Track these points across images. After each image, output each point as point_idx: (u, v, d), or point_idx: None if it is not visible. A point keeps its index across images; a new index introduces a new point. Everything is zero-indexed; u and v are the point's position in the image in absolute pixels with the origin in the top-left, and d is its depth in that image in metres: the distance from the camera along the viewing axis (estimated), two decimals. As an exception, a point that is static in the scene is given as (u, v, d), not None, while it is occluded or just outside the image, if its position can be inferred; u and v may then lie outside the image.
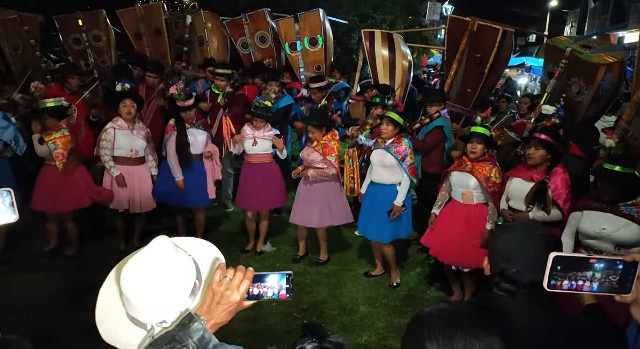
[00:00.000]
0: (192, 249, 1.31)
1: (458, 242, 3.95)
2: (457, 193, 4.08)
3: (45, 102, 4.45)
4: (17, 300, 3.97)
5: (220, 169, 5.18)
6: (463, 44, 5.71)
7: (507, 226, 1.58)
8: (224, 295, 1.15)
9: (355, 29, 12.48)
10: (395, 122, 4.31)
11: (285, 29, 6.85)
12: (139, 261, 1.18)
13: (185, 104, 4.77)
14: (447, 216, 4.15)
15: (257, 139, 4.92)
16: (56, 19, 7.16)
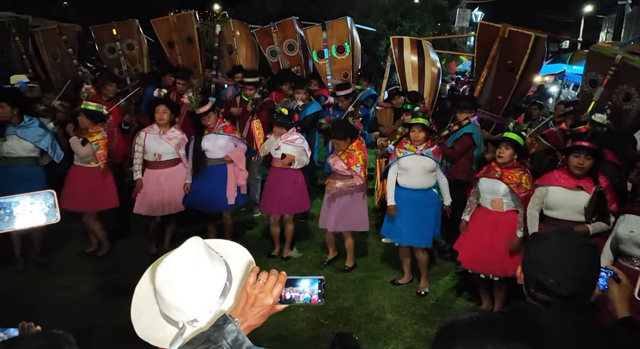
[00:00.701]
0: (225, 251, 1.34)
1: (486, 250, 3.88)
2: (485, 200, 4.02)
3: (87, 104, 4.63)
4: (54, 300, 4.10)
5: (244, 175, 5.13)
6: (493, 50, 5.63)
7: (542, 235, 1.52)
8: (258, 298, 1.16)
9: (384, 36, 12.47)
10: (426, 127, 4.30)
11: (313, 37, 6.91)
12: (173, 261, 1.21)
13: (201, 110, 4.84)
14: (475, 224, 4.10)
15: (281, 143, 4.94)
16: (92, 29, 7.43)
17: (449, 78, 11.53)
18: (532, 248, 1.44)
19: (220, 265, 1.27)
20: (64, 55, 6.97)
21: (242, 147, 5.11)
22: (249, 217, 6.31)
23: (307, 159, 4.99)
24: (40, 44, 6.86)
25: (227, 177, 5.02)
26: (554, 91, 13.16)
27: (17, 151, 4.48)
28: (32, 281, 4.49)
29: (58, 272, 4.66)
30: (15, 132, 4.47)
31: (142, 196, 4.91)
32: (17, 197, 1.03)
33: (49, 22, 9.04)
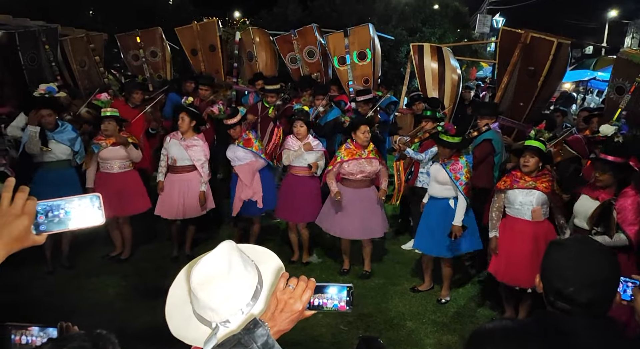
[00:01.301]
0: (255, 256, 1.37)
1: (525, 263, 3.75)
2: (521, 211, 3.89)
3: (106, 111, 4.77)
4: (80, 302, 4.19)
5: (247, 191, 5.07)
6: (515, 56, 5.59)
7: (560, 243, 1.51)
8: (288, 303, 1.19)
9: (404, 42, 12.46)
10: (447, 144, 4.26)
11: (335, 44, 6.97)
12: (208, 263, 1.25)
13: (228, 122, 4.92)
14: (507, 236, 3.95)
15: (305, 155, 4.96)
16: (117, 36, 7.64)
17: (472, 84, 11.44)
18: (551, 256, 1.43)
19: (251, 268, 1.30)
20: (91, 63, 7.17)
21: (258, 163, 5.10)
22: (269, 223, 6.35)
23: (323, 164, 5.03)
24: (69, 52, 7.07)
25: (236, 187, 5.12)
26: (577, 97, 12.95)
27: (56, 155, 4.65)
28: (60, 283, 4.61)
29: (84, 275, 4.77)
30: (53, 137, 4.64)
31: (163, 198, 5.00)
32: (65, 199, 1.08)
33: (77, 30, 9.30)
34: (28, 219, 1.04)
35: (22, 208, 1.04)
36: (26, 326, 1.40)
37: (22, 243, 1.05)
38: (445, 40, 12.97)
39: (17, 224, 1.03)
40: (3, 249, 1.03)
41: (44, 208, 1.06)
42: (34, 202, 1.05)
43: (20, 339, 1.41)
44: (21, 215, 1.03)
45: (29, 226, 1.04)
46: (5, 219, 1.03)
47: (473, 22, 21.85)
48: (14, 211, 1.03)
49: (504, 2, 26.74)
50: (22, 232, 1.03)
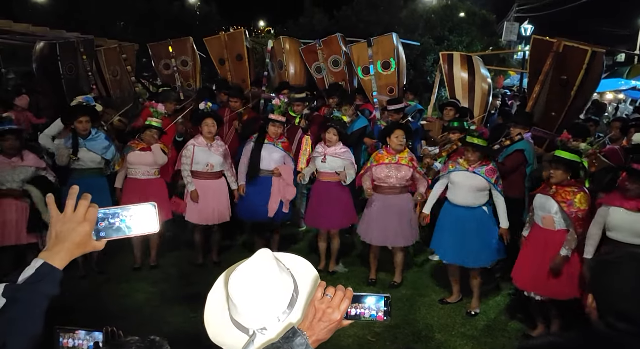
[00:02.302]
0: (290, 264, 1.38)
1: (534, 268, 3.78)
2: (538, 217, 3.91)
3: (152, 121, 4.89)
4: (112, 307, 4.27)
5: (292, 191, 5.18)
6: (547, 65, 5.49)
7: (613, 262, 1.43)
8: (325, 313, 1.19)
9: (430, 51, 12.39)
10: (481, 148, 4.22)
11: (358, 53, 6.97)
12: (246, 270, 1.26)
13: (280, 118, 4.97)
14: (528, 242, 4.01)
15: (327, 156, 4.95)
16: (149, 46, 7.81)
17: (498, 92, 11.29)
18: (607, 276, 1.37)
19: (287, 276, 1.31)
20: (123, 72, 7.37)
21: (291, 166, 5.19)
22: (295, 231, 6.36)
23: (354, 173, 4.99)
24: (102, 62, 7.29)
25: (271, 190, 5.09)
26: (608, 106, 12.63)
27: (86, 162, 4.72)
28: (92, 287, 4.70)
29: (114, 280, 4.86)
30: (85, 144, 4.72)
31: (192, 205, 5.03)
32: (124, 207, 1.14)
33: (109, 41, 9.61)
34: (89, 225, 1.10)
35: (84, 215, 1.10)
36: (73, 330, 1.45)
37: (83, 248, 1.11)
38: (473, 48, 12.85)
39: (79, 230, 1.09)
40: (66, 253, 1.09)
41: (103, 215, 1.12)
42: (95, 210, 1.11)
43: (67, 342, 1.45)
44: (83, 222, 1.10)
45: (90, 232, 1.10)
46: (69, 225, 1.09)
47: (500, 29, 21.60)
48: (76, 218, 1.10)
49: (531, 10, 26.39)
50: (83, 238, 1.09)
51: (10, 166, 4.29)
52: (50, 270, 1.07)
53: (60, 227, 1.10)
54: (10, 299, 1.03)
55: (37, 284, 1.05)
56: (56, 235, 1.10)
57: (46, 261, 1.07)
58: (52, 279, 1.07)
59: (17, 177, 4.30)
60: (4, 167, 4.27)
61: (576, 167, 3.80)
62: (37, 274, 1.05)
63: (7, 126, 4.29)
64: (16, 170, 4.30)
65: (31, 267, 1.07)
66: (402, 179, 4.72)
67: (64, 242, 1.09)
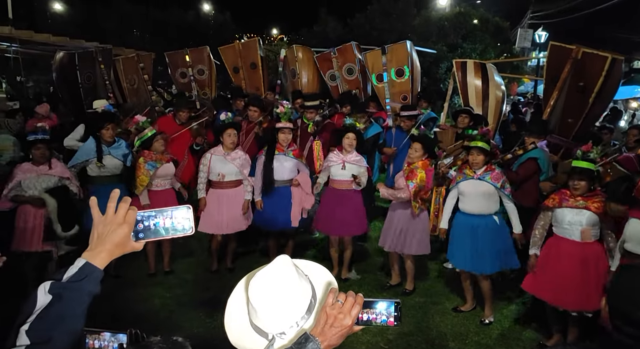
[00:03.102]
0: (308, 270, 1.41)
1: (572, 284, 3.66)
2: (570, 231, 3.78)
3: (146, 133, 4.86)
4: (128, 312, 4.32)
5: (311, 199, 5.22)
6: (565, 72, 5.46)
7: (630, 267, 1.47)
8: (337, 318, 1.21)
9: (444, 58, 12.37)
10: (485, 151, 4.22)
11: (373, 61, 7.01)
12: (266, 275, 1.29)
13: (288, 125, 5.02)
14: (554, 256, 3.86)
15: (346, 163, 4.97)
16: (167, 55, 7.94)
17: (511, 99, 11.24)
18: (619, 280, 1.39)
19: (306, 282, 1.34)
20: (140, 81, 7.51)
21: (307, 172, 5.23)
22: (308, 238, 6.38)
23: (365, 180, 5.03)
24: (120, 71, 7.44)
25: (291, 199, 5.13)
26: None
27: (110, 169, 4.82)
28: (108, 291, 4.74)
29: (130, 285, 4.92)
30: (110, 152, 4.83)
31: (206, 214, 5.07)
32: (162, 210, 1.19)
33: (126, 50, 9.81)
34: (128, 227, 1.16)
35: (124, 217, 1.16)
36: (99, 332, 1.50)
37: (122, 249, 1.17)
38: (487, 55, 12.81)
39: (119, 232, 1.15)
40: (107, 254, 1.15)
41: (142, 218, 1.18)
42: (134, 212, 1.17)
43: (93, 343, 1.50)
44: (123, 224, 1.16)
45: (129, 233, 1.16)
46: (109, 227, 1.16)
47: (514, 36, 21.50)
48: (117, 220, 1.16)
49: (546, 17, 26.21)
50: (123, 239, 1.16)
51: (36, 173, 4.39)
52: (92, 269, 1.13)
53: (101, 228, 1.16)
54: (56, 296, 1.08)
55: (80, 282, 1.11)
56: (98, 236, 1.17)
57: (88, 261, 1.14)
58: (94, 278, 1.13)
59: (39, 185, 4.39)
60: (30, 174, 4.36)
61: (595, 177, 3.77)
62: (81, 273, 1.12)
63: (41, 136, 4.40)
64: (40, 178, 4.39)
65: (75, 266, 1.13)
66: None
67: (105, 244, 1.15)
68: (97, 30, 15.32)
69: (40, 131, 4.48)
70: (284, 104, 5.11)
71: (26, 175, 4.35)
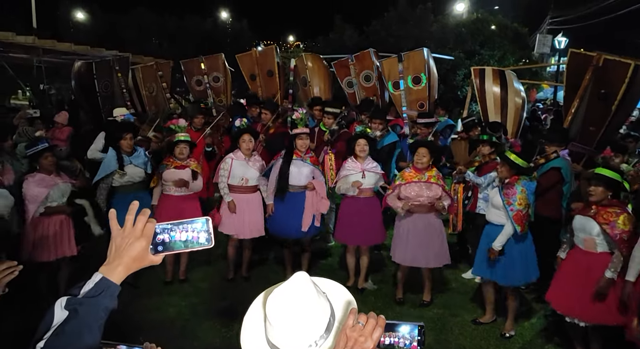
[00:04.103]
0: (326, 288, 1.36)
1: (578, 293, 3.61)
2: (578, 239, 3.75)
3: (180, 136, 4.95)
4: (143, 321, 4.31)
5: (327, 204, 5.20)
6: (586, 79, 5.34)
7: None
8: (357, 341, 1.16)
9: (461, 65, 12.23)
10: (510, 162, 4.12)
11: (389, 68, 6.96)
12: (284, 293, 1.25)
13: (304, 130, 5.01)
14: (567, 264, 3.84)
15: (366, 172, 4.92)
16: (182, 63, 8.00)
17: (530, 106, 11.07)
18: None
19: (324, 301, 1.29)
20: (158, 89, 7.59)
21: (322, 179, 5.20)
22: (323, 246, 6.33)
23: None
24: (139, 80, 7.53)
25: (304, 204, 5.08)
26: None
27: (133, 178, 4.88)
28: (125, 300, 4.71)
29: (146, 294, 4.91)
30: (131, 161, 4.88)
31: (226, 217, 5.07)
32: (180, 222, 1.17)
33: (145, 58, 9.95)
34: (146, 241, 1.14)
35: (142, 230, 1.14)
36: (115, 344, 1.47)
37: (140, 263, 1.15)
38: (505, 62, 12.64)
39: (136, 245, 1.13)
40: (124, 268, 1.13)
41: (161, 230, 1.16)
42: (152, 225, 1.15)
43: None
44: (140, 237, 1.14)
45: (147, 247, 1.14)
46: (127, 240, 1.14)
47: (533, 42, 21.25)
48: (135, 233, 1.14)
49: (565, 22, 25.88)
50: (140, 253, 1.13)
51: (54, 182, 4.41)
52: (109, 285, 1.11)
53: (119, 241, 1.14)
54: (72, 312, 1.07)
55: (97, 298, 1.09)
56: (115, 249, 1.15)
57: (105, 276, 1.12)
58: (111, 294, 1.11)
59: (56, 195, 4.41)
60: (51, 184, 4.38)
61: (617, 187, 3.65)
62: (97, 288, 1.10)
63: (41, 145, 4.40)
64: (61, 187, 4.43)
65: (91, 281, 1.11)
66: (432, 197, 4.62)
67: (122, 257, 1.13)
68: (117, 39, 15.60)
69: (40, 141, 4.51)
70: (299, 111, 5.09)
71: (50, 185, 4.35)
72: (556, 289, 3.84)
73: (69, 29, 17.90)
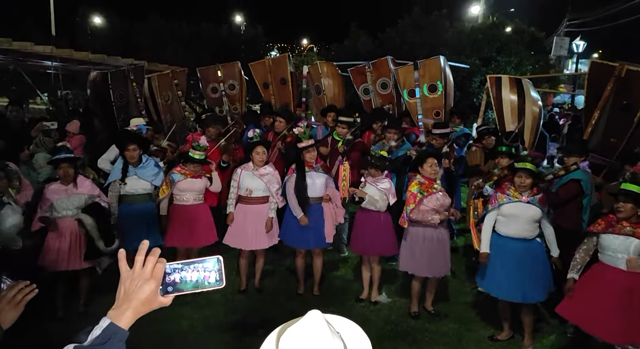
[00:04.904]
0: (340, 327, 1.32)
1: (615, 316, 3.44)
2: (615, 259, 3.57)
3: (195, 153, 4.91)
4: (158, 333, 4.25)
5: (343, 213, 5.16)
6: (608, 90, 5.21)
7: None
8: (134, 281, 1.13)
9: (477, 72, 12.04)
10: (534, 174, 4.05)
11: (405, 76, 6.89)
12: (297, 332, 1.22)
13: (309, 142, 4.96)
14: (596, 284, 3.64)
15: (367, 183, 4.87)
16: (199, 70, 8.01)
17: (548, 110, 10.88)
18: None
19: (339, 341, 1.25)
20: (174, 97, 7.63)
21: (334, 186, 5.16)
22: (336, 257, 6.28)
23: (384, 205, 4.85)
24: (155, 88, 7.57)
25: (324, 216, 5.05)
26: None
27: (136, 189, 4.88)
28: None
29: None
30: (135, 172, 4.88)
31: (235, 229, 5.06)
32: (190, 262, 1.14)
33: (160, 65, 10.03)
34: (155, 283, 1.11)
35: (152, 272, 1.11)
36: None
37: (149, 306, 1.12)
38: (522, 68, 12.42)
39: (145, 288, 1.10)
40: (132, 312, 1.10)
41: (171, 270, 1.13)
42: (162, 266, 1.12)
43: None
44: (150, 279, 1.10)
45: (156, 289, 1.11)
46: (136, 283, 1.10)
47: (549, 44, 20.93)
48: (144, 275, 1.11)
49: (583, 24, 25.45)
50: (149, 296, 1.10)
51: (66, 193, 4.44)
52: (116, 330, 1.08)
53: (128, 284, 1.12)
54: None
55: (104, 346, 1.06)
56: (124, 292, 1.12)
57: (113, 321, 1.09)
58: (118, 340, 1.08)
59: (71, 205, 4.44)
60: (60, 195, 4.42)
61: None
62: (104, 335, 1.08)
63: (64, 155, 4.46)
64: (70, 198, 4.44)
65: (99, 327, 1.09)
66: (447, 206, 4.61)
67: (131, 301, 1.10)
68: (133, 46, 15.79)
69: (63, 150, 4.55)
70: (299, 125, 5.06)
71: (56, 196, 4.39)
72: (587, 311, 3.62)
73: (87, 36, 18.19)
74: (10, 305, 1.66)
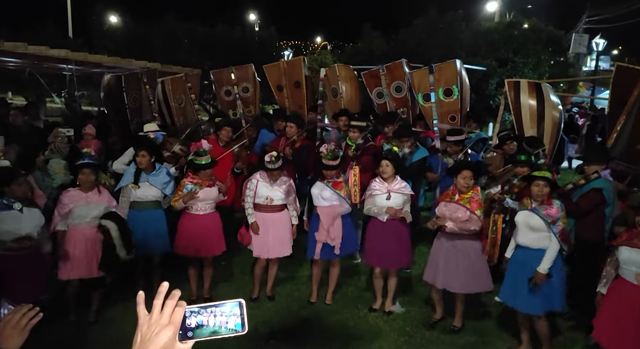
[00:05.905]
0: None
1: (631, 333, 3.34)
2: (629, 273, 3.46)
3: (201, 160, 4.80)
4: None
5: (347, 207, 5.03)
6: (635, 95, 5.04)
7: None
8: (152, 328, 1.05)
9: (494, 74, 11.79)
10: (552, 183, 3.91)
11: (419, 80, 6.77)
12: None
13: (331, 163, 4.85)
14: (615, 299, 3.54)
15: (392, 193, 4.75)
16: (212, 73, 7.97)
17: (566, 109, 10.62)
18: None
19: None
20: (187, 100, 7.61)
21: (343, 208, 4.98)
22: (350, 264, 6.18)
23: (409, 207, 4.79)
24: (168, 92, 7.55)
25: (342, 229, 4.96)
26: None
27: (147, 196, 4.85)
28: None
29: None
30: (147, 179, 4.84)
31: (254, 237, 5.01)
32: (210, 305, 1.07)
33: (174, 67, 10.02)
34: (173, 329, 1.03)
35: (170, 317, 1.04)
36: None
37: None
38: (540, 69, 12.13)
39: (161, 335, 1.03)
40: None
41: (190, 314, 1.06)
42: (181, 310, 1.05)
43: None
44: (168, 325, 1.03)
45: (174, 336, 1.03)
46: (153, 329, 1.04)
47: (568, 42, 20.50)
48: (162, 321, 1.04)
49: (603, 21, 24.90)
50: (166, 343, 1.03)
51: (85, 201, 4.40)
52: None
53: (145, 330, 1.05)
54: None
55: None
56: (141, 340, 1.05)
57: None
58: None
59: (90, 213, 4.38)
60: (79, 202, 4.38)
61: None
62: None
63: (87, 160, 4.43)
64: (90, 205, 4.40)
65: None
66: (455, 219, 4.34)
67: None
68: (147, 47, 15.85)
69: (87, 156, 4.54)
70: (325, 147, 4.95)
71: (75, 202, 4.37)
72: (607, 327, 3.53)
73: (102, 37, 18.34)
74: (16, 330, 1.62)
